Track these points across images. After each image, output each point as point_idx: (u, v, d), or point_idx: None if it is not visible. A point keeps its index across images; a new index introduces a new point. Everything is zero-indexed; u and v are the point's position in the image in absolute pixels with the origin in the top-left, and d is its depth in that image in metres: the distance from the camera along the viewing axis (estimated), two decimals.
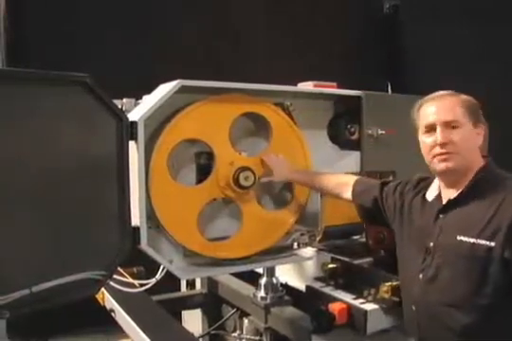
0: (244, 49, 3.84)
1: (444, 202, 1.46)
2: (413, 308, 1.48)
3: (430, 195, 1.51)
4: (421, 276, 1.45)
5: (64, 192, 1.44)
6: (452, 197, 1.43)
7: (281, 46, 4.03)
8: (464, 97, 1.43)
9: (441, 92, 1.46)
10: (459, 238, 1.37)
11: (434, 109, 1.41)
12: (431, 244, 1.44)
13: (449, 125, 1.38)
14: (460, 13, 4.13)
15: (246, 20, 3.88)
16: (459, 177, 1.43)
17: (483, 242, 1.32)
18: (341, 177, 1.84)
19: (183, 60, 3.37)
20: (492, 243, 1.31)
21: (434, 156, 1.41)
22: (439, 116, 1.40)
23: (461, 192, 1.41)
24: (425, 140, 1.44)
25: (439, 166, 1.40)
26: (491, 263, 1.32)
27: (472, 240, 1.34)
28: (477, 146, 1.42)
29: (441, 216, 1.45)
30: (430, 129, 1.42)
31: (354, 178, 1.79)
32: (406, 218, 1.56)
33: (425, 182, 1.58)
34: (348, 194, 1.76)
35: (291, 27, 4.14)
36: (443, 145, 1.38)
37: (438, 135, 1.38)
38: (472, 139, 1.40)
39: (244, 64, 3.71)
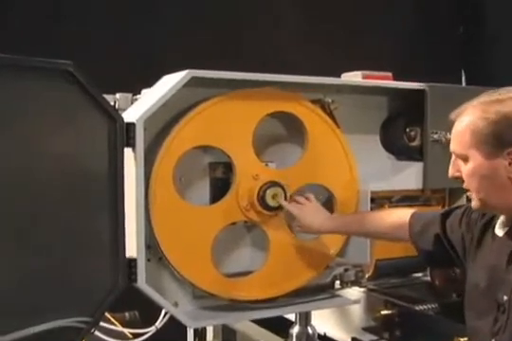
0: (266, 30, 3.75)
1: None
2: None
3: (500, 229, 1.44)
4: None
5: (39, 214, 1.42)
6: None
7: (316, 26, 3.92)
8: (481, 117, 1.33)
9: (466, 104, 1.40)
10: None
11: (452, 132, 1.43)
12: (505, 298, 1.35)
13: (459, 156, 1.40)
14: None
15: None
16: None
17: None
18: (393, 215, 1.81)
19: (191, 44, 3.38)
20: None
21: None
22: (451, 144, 1.42)
23: None
24: None
25: None
26: None
27: None
28: (502, 181, 1.33)
29: None
30: None
31: (408, 213, 1.76)
32: (474, 258, 1.50)
33: None
34: (407, 236, 1.74)
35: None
36: (456, 179, 1.42)
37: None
38: (489, 174, 1.33)
39: (268, 51, 3.66)
